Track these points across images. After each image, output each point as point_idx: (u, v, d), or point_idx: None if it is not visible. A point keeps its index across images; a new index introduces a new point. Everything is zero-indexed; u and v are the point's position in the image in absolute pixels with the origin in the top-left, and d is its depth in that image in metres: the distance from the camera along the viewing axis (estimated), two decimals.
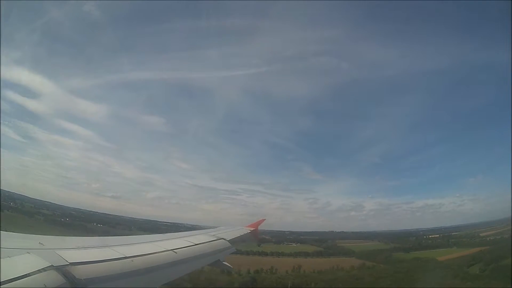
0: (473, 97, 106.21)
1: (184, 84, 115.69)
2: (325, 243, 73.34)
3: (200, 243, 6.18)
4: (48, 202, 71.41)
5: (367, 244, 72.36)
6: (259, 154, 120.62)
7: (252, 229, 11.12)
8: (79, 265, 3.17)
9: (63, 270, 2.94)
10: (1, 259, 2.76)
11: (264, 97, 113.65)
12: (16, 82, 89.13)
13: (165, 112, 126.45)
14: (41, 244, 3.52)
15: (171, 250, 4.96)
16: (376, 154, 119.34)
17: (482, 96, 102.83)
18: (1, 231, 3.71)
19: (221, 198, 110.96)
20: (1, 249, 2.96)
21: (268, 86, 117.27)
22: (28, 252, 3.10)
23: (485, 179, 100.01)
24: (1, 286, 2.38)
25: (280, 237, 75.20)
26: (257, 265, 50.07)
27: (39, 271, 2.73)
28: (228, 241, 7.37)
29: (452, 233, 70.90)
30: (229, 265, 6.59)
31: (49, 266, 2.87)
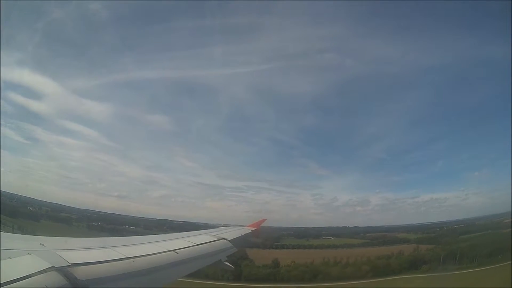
0: (476, 91, 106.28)
1: (188, 82, 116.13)
2: (364, 236, 73.47)
3: (201, 243, 6.18)
4: (56, 204, 71.44)
5: (399, 235, 71.61)
6: (264, 151, 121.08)
7: (253, 228, 11.15)
8: (80, 266, 3.18)
9: (64, 271, 2.94)
10: (3, 260, 2.76)
11: (268, 94, 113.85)
12: (18, 83, 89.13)
13: (169, 110, 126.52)
14: (42, 245, 3.52)
15: (172, 250, 4.96)
16: (380, 150, 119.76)
17: (485, 90, 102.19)
18: (2, 232, 3.72)
19: (227, 195, 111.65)
20: (3, 250, 2.96)
21: (272, 83, 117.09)
22: (29, 253, 3.10)
23: (488, 173, 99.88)
24: (3, 287, 2.39)
25: (303, 233, 76.42)
26: (354, 256, 51.35)
27: (40, 272, 2.73)
28: (229, 241, 7.38)
29: (476, 223, 70.40)
30: (230, 265, 6.59)
31: (50, 267, 2.87)
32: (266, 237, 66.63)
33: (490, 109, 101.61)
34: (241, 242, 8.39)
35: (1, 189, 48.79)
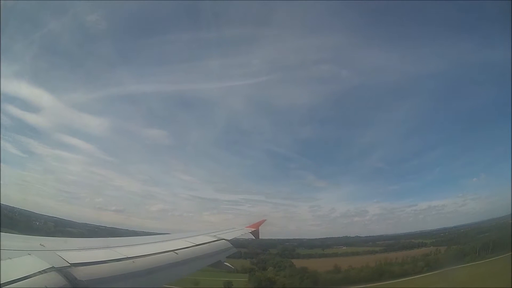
0: (472, 97, 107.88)
1: (185, 95, 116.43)
2: (375, 244, 76.32)
3: (201, 244, 6.17)
4: (56, 218, 71.31)
5: (413, 241, 74.22)
6: (261, 163, 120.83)
7: (253, 229, 11.14)
8: (80, 266, 3.17)
9: (64, 271, 2.93)
10: (2, 261, 2.75)
11: (265, 106, 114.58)
12: (16, 95, 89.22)
13: (166, 124, 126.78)
14: (42, 245, 3.51)
15: (172, 251, 4.95)
16: (378, 159, 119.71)
17: (481, 96, 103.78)
18: (1, 233, 3.70)
19: (224, 209, 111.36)
20: (2, 250, 2.95)
21: (269, 95, 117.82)
22: (29, 254, 3.09)
23: (486, 178, 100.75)
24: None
25: (306, 244, 78.31)
26: (396, 258, 56.59)
27: (40, 272, 2.72)
28: (229, 241, 7.38)
29: (482, 226, 72.19)
30: (230, 266, 6.58)
31: (50, 267, 2.86)
32: (282, 248, 68.68)
33: (486, 115, 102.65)
34: (240, 242, 8.38)
35: (1, 202, 48.60)
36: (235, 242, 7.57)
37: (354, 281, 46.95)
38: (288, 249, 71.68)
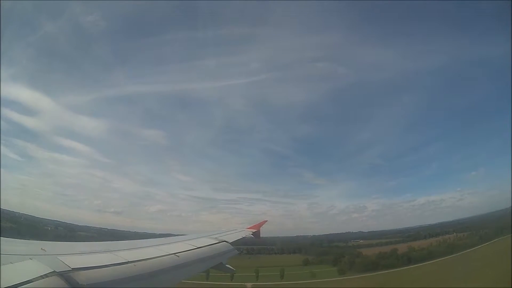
0: (469, 92, 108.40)
1: (182, 95, 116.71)
2: (394, 236, 78.76)
3: (202, 246, 6.15)
4: (57, 221, 71.50)
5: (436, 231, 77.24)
6: (258, 162, 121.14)
7: (253, 230, 11.12)
8: (81, 270, 3.17)
9: (66, 275, 2.94)
10: (4, 265, 2.76)
11: (263, 104, 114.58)
12: (13, 99, 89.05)
13: (164, 124, 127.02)
14: (43, 250, 3.52)
15: (173, 254, 4.94)
16: (375, 155, 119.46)
17: (479, 91, 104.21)
18: (2, 238, 3.71)
19: (222, 208, 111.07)
20: (4, 255, 2.95)
21: (266, 94, 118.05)
22: (30, 258, 3.09)
23: (484, 173, 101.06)
24: None
25: (310, 241, 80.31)
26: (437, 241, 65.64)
27: (41, 277, 2.72)
28: (230, 243, 7.36)
29: (487, 218, 73.93)
30: (232, 268, 6.57)
31: (52, 271, 2.87)
32: (310, 244, 73.81)
33: (484, 109, 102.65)
34: (269, 240, 8.34)
35: (2, 207, 48.43)
36: (261, 240, 7.56)
37: (437, 255, 56.82)
38: (316, 244, 75.04)
